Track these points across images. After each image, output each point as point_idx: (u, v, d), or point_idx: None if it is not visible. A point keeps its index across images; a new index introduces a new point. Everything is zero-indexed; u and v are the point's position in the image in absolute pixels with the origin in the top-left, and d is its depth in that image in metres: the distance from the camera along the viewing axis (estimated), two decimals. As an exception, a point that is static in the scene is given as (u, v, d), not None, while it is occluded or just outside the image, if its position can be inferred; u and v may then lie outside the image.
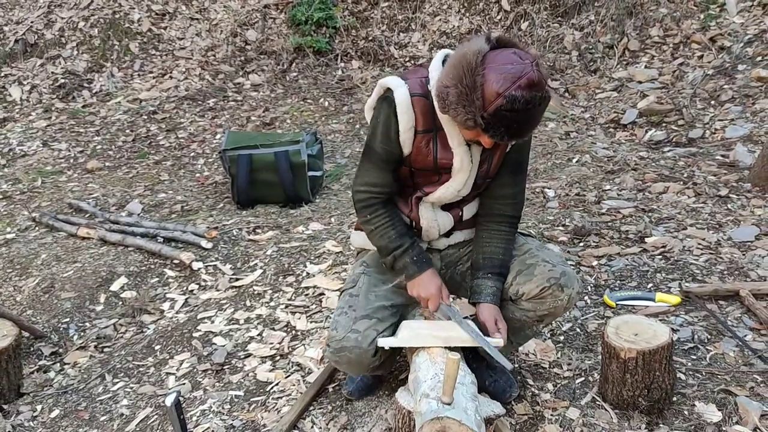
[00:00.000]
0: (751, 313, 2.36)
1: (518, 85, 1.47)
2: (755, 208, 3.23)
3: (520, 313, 1.86)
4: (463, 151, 1.74)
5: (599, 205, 3.42)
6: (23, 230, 3.81)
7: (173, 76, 6.31)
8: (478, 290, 1.83)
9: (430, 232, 1.89)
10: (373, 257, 1.97)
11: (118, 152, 5.14)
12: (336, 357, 1.80)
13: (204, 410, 2.17)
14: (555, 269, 1.80)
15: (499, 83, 1.48)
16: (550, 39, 5.99)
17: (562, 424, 1.91)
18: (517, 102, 1.47)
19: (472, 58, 1.51)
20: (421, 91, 1.70)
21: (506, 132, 1.53)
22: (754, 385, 1.98)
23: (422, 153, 1.75)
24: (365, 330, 1.77)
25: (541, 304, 1.81)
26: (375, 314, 1.81)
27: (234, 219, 3.74)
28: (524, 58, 1.51)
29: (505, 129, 1.52)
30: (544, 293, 1.79)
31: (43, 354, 2.65)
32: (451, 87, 1.54)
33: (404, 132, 1.72)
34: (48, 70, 6.37)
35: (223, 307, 2.82)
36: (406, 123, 1.71)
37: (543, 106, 1.53)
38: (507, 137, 1.56)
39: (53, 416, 2.30)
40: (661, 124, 4.59)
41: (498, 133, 1.54)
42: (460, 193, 1.82)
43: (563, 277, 1.78)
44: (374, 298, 1.85)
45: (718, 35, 5.31)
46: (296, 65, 6.43)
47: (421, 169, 1.79)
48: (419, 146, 1.74)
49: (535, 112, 1.52)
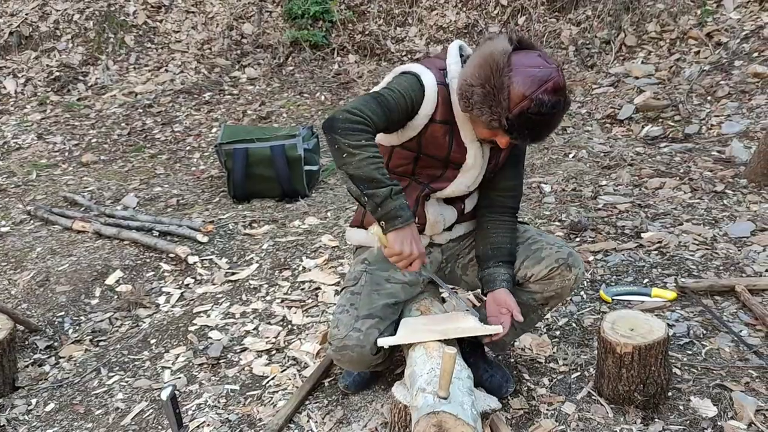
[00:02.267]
0: (747, 308, 2.36)
1: (545, 89, 1.49)
2: (751, 204, 3.24)
3: (526, 297, 1.88)
4: (476, 147, 1.75)
5: (595, 201, 3.42)
6: (18, 223, 3.79)
7: (169, 70, 6.28)
8: (492, 279, 1.83)
9: (436, 227, 1.89)
10: (374, 254, 1.94)
11: (113, 146, 5.12)
12: (338, 355, 1.81)
13: (200, 404, 2.17)
14: (562, 250, 1.83)
15: (526, 85, 1.50)
16: (546, 34, 5.98)
17: (557, 419, 1.91)
18: (544, 105, 1.50)
19: (499, 58, 1.52)
20: (443, 81, 1.69)
21: (529, 134, 1.55)
22: (749, 381, 1.99)
23: (437, 142, 1.73)
24: (367, 329, 1.77)
25: (548, 285, 1.84)
26: (378, 313, 1.81)
27: (230, 213, 3.73)
28: (550, 63, 1.54)
29: (528, 131, 1.54)
30: (553, 273, 1.82)
31: (38, 347, 2.64)
32: (476, 86, 1.54)
33: (421, 117, 1.69)
34: (43, 63, 6.33)
35: (218, 301, 2.81)
36: (427, 109, 1.68)
37: (565, 111, 1.56)
38: (529, 140, 1.58)
39: (48, 410, 2.29)
40: (658, 119, 4.60)
41: (521, 135, 1.56)
42: (469, 188, 1.83)
43: (570, 257, 1.83)
44: (377, 296, 1.84)
45: (715, 31, 5.31)
46: (292, 59, 6.41)
47: (430, 156, 1.76)
48: (435, 135, 1.72)
49: (558, 116, 1.55)
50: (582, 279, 1.87)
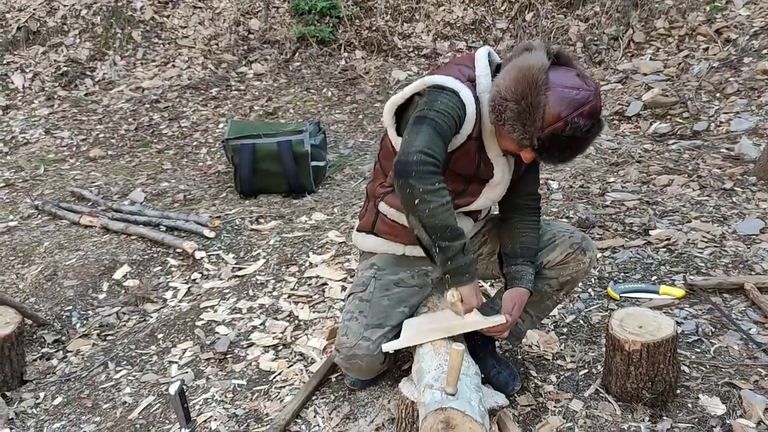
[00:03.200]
0: (756, 306, 2.35)
1: (581, 113, 1.46)
2: (760, 202, 3.22)
3: (541, 284, 1.89)
4: (503, 162, 1.73)
5: (603, 198, 3.40)
6: (26, 218, 3.81)
7: (176, 65, 6.29)
8: (518, 276, 1.83)
9: None
10: (382, 259, 1.92)
11: (120, 141, 5.13)
12: (347, 364, 1.81)
13: (207, 399, 2.18)
14: (575, 235, 1.87)
15: (563, 107, 1.46)
16: (554, 30, 5.95)
17: (565, 416, 1.91)
18: (579, 130, 1.47)
19: (537, 74, 1.47)
20: (475, 95, 1.63)
21: (558, 156, 1.53)
22: (758, 379, 1.98)
23: (468, 158, 1.68)
24: (377, 338, 1.78)
25: (564, 270, 1.86)
26: (387, 321, 1.81)
27: (237, 208, 3.73)
28: (589, 85, 1.50)
29: (558, 153, 1.52)
30: (568, 258, 1.85)
31: (46, 341, 2.65)
32: (511, 102, 1.49)
33: (462, 136, 1.63)
34: (50, 58, 6.34)
35: (225, 296, 2.82)
36: (468, 127, 1.63)
37: (597, 135, 1.54)
38: (557, 161, 1.56)
39: (56, 404, 2.30)
40: (666, 116, 4.57)
41: (550, 156, 1.53)
42: (493, 202, 1.86)
43: (584, 241, 1.86)
44: (387, 302, 1.84)
45: (724, 27, 5.27)
46: (299, 55, 6.40)
47: (457, 174, 1.72)
48: (467, 151, 1.67)
49: (590, 141, 1.53)
50: (596, 261, 1.90)
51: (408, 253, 1.89)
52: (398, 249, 1.91)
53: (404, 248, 1.89)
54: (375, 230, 1.92)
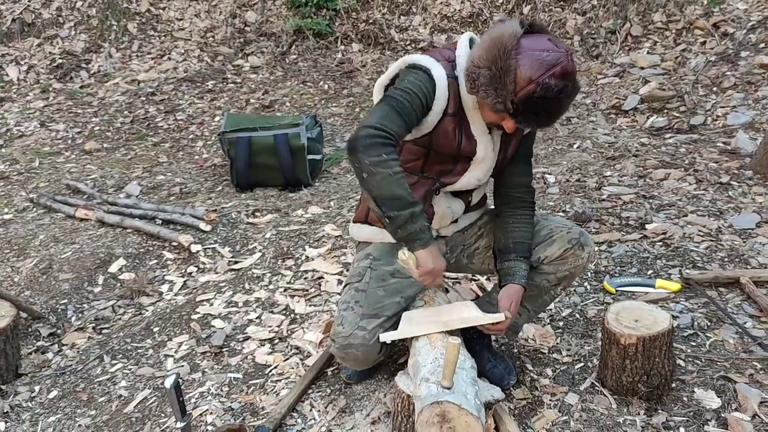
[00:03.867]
0: (751, 300, 2.35)
1: (552, 73, 1.47)
2: (756, 196, 3.22)
3: (539, 279, 1.89)
4: (486, 140, 1.74)
5: (600, 192, 3.40)
6: (21, 211, 3.79)
7: (172, 58, 6.25)
8: (511, 272, 1.82)
9: (444, 220, 1.88)
10: (378, 249, 1.92)
11: (116, 133, 5.11)
12: (342, 353, 1.81)
13: (203, 392, 2.17)
14: (572, 230, 1.86)
15: (533, 69, 1.47)
16: (551, 23, 5.93)
17: (560, 410, 1.91)
18: (550, 90, 1.47)
19: (507, 40, 1.49)
20: (452, 74, 1.67)
21: (534, 119, 1.53)
22: (753, 372, 1.99)
23: (448, 137, 1.71)
24: (372, 328, 1.77)
25: (562, 265, 1.86)
26: (383, 312, 1.81)
27: (233, 202, 3.72)
28: (560, 47, 1.51)
29: (534, 116, 1.52)
30: (567, 254, 1.84)
31: (41, 335, 2.65)
32: (483, 68, 1.52)
33: (435, 113, 1.67)
34: (45, 50, 6.30)
35: (221, 289, 2.81)
36: (440, 105, 1.67)
37: (572, 97, 1.54)
38: (535, 125, 1.57)
39: (51, 397, 2.30)
40: (663, 110, 4.57)
41: (526, 119, 1.53)
42: (480, 181, 1.83)
43: (582, 236, 1.85)
44: (383, 293, 1.84)
45: (722, 21, 5.26)
46: (296, 47, 6.38)
47: (441, 154, 1.75)
48: (446, 129, 1.70)
49: (565, 102, 1.52)
50: (594, 256, 1.89)
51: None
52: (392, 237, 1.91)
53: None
54: (368, 219, 1.93)
